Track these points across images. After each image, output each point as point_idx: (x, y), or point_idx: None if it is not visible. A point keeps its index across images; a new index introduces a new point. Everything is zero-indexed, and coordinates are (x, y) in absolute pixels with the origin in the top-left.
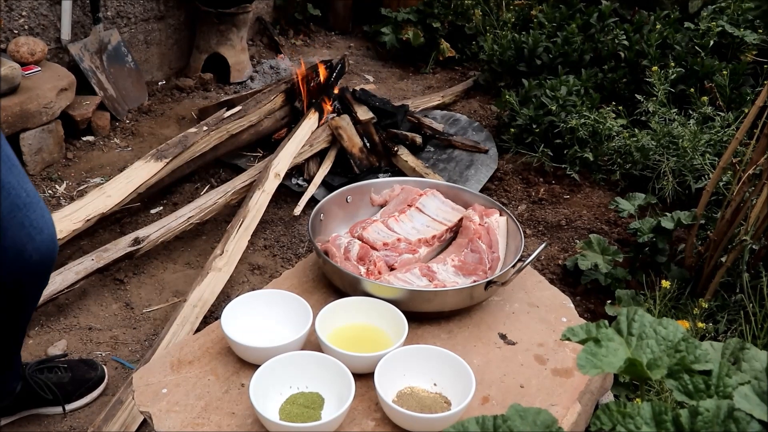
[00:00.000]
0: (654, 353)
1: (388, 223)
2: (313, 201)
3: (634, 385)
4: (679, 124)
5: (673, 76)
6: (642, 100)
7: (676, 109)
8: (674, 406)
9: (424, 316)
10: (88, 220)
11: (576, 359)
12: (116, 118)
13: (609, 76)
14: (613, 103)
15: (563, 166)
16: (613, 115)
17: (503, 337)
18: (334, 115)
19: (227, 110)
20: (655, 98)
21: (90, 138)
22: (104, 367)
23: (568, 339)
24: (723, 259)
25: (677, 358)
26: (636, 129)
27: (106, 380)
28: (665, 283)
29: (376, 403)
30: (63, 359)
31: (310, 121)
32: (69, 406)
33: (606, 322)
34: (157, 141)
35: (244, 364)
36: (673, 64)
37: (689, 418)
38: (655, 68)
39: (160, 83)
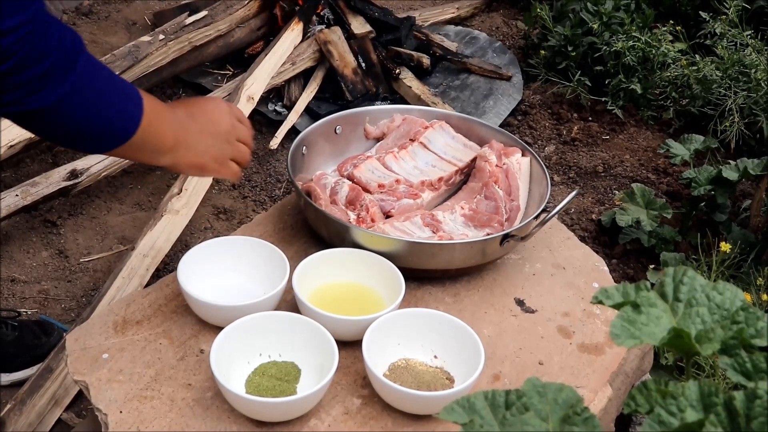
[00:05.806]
0: (705, 324)
1: (385, 161)
2: (293, 131)
3: (679, 368)
4: (754, 51)
5: None
6: (708, 18)
7: (750, 32)
8: (727, 388)
9: (426, 274)
10: (11, 146)
11: (608, 333)
12: None
13: None
14: (671, 21)
15: (603, 99)
16: (670, 38)
17: (521, 303)
18: (323, 26)
19: (189, 15)
20: (724, 16)
21: None
22: (64, 333)
23: (601, 302)
24: None
25: (734, 331)
26: (698, 55)
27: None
28: (725, 246)
29: (364, 377)
30: (14, 316)
31: (293, 34)
32: (7, 377)
33: (648, 283)
34: (100, 51)
35: (205, 325)
36: None
37: (745, 402)
38: None
39: None
